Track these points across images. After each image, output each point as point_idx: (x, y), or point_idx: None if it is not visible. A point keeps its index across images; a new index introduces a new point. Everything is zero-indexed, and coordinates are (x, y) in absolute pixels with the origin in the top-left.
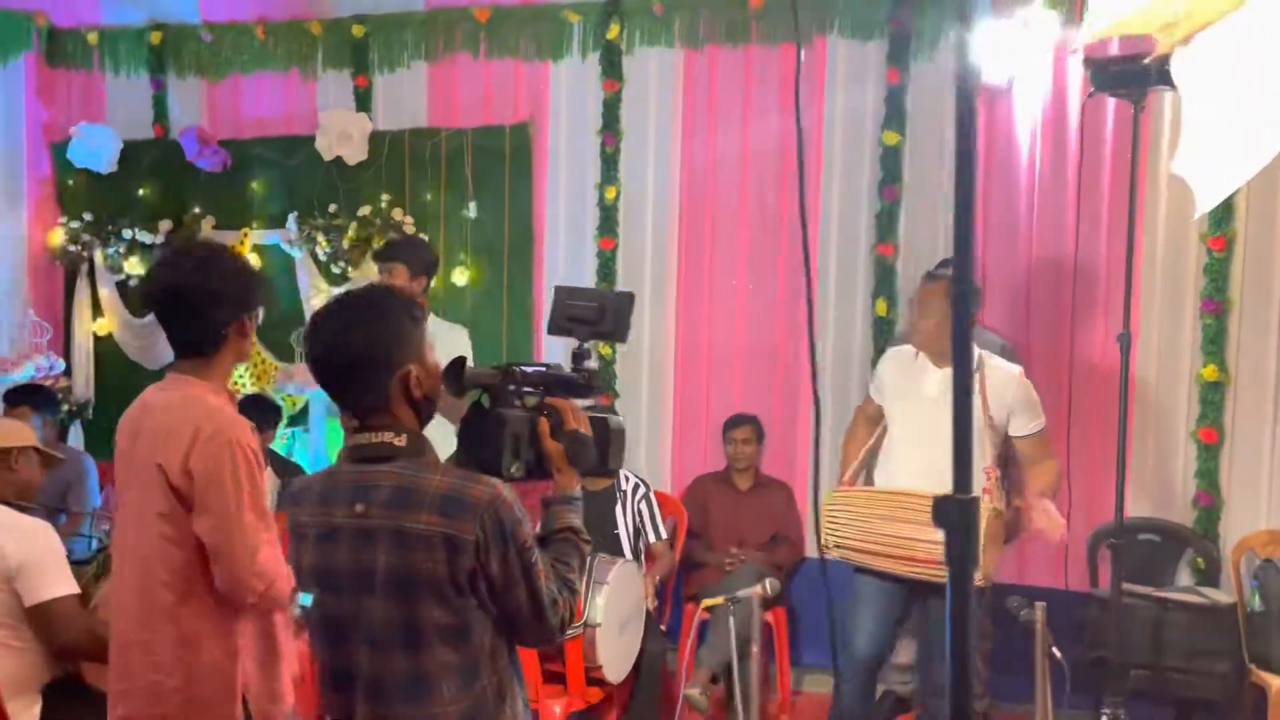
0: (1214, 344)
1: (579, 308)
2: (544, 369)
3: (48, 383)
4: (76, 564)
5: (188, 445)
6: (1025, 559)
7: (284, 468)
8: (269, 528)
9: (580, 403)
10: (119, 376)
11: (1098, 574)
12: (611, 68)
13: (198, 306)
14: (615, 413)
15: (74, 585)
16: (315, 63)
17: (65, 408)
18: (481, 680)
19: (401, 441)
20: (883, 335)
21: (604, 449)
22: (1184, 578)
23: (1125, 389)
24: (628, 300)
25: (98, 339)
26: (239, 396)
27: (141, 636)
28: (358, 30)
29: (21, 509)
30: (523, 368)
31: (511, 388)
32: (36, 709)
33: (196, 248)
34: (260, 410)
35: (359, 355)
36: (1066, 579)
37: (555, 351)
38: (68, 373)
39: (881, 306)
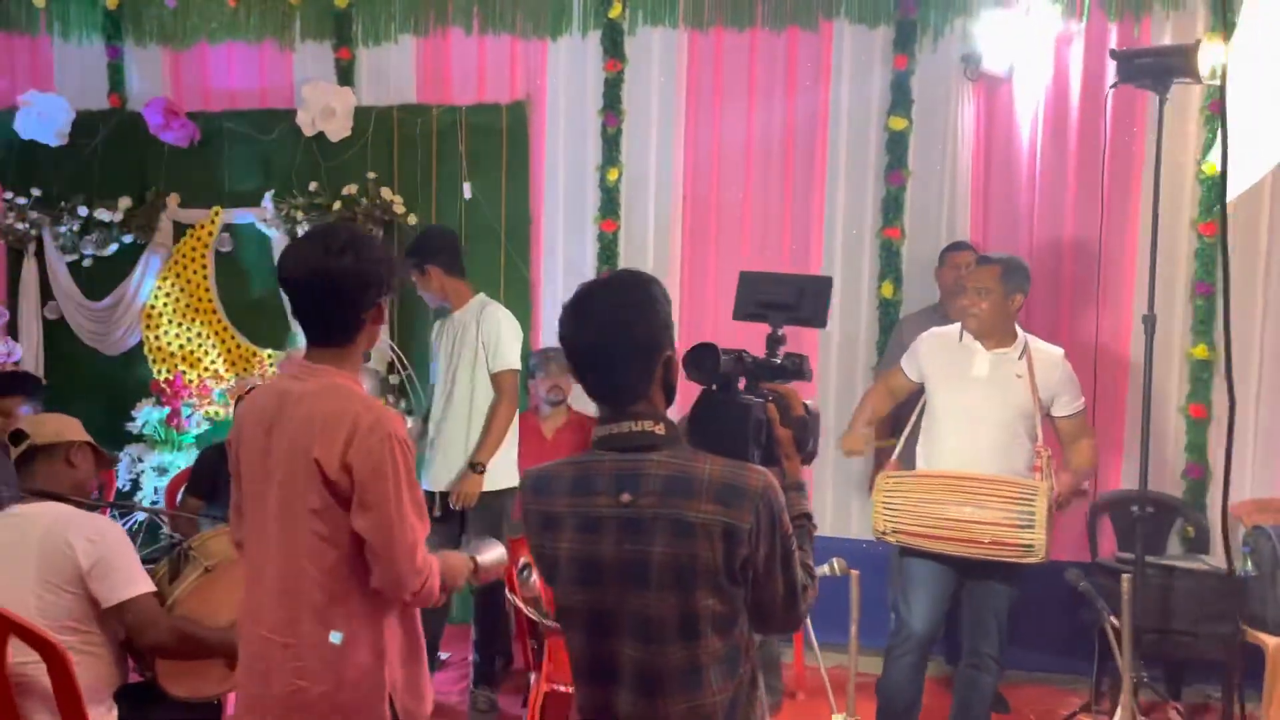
0: (1204, 325)
1: (773, 293)
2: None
3: (10, 367)
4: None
5: (346, 438)
6: None
7: None
8: (425, 522)
9: None
10: (70, 362)
11: (1097, 545)
12: (614, 47)
13: (345, 292)
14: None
15: (150, 583)
16: (293, 33)
17: None
18: (741, 669)
19: (662, 430)
20: (889, 317)
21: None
22: (1174, 546)
23: (1149, 368)
24: (826, 285)
25: (47, 322)
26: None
27: (284, 640)
28: (340, 1)
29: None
30: (747, 354)
31: (740, 376)
32: (114, 716)
33: (341, 230)
34: None
35: (631, 341)
36: (1094, 550)
37: (552, 339)
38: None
39: (888, 289)
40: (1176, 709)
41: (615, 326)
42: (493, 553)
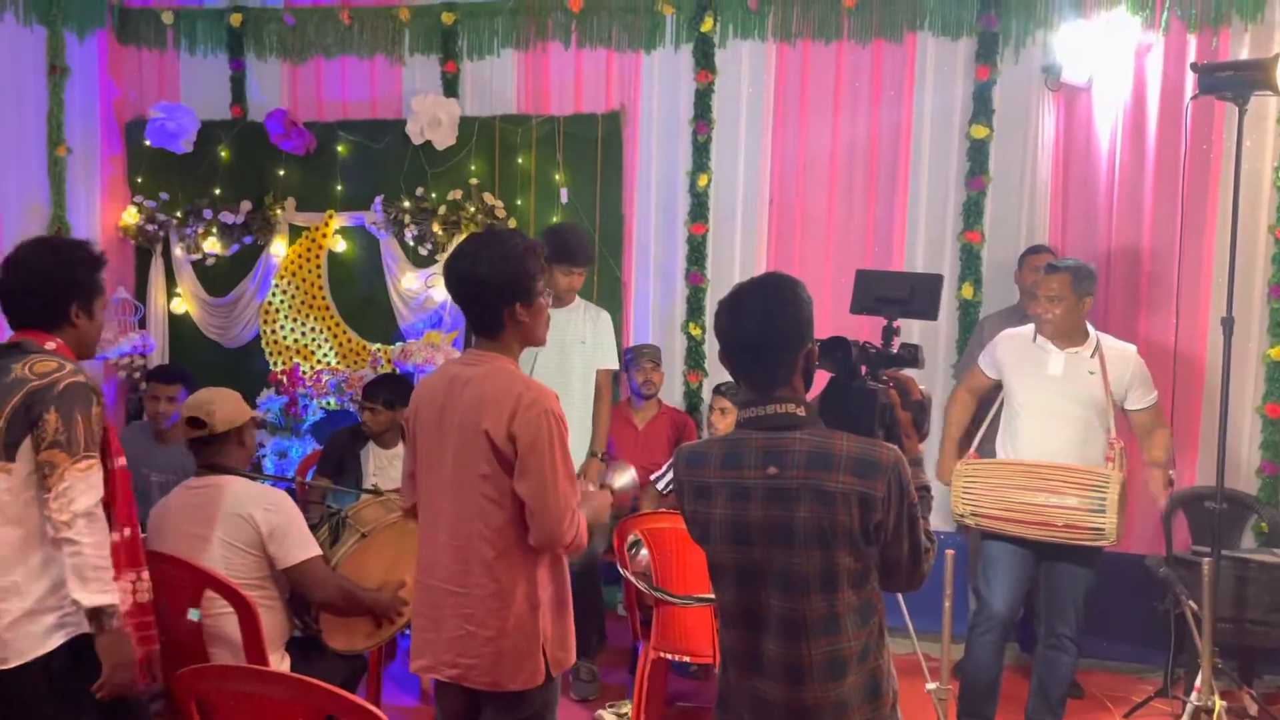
0: None
1: (887, 289)
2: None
3: (139, 361)
4: None
5: (510, 413)
6: None
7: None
8: (575, 487)
9: None
10: (191, 354)
11: (1171, 539)
12: (705, 59)
13: (478, 293)
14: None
15: (317, 548)
16: (402, 48)
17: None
18: (871, 618)
19: (802, 411)
20: (969, 317)
21: None
22: (1248, 541)
23: (1227, 368)
24: (937, 282)
25: (172, 316)
26: (374, 375)
27: (456, 590)
28: (447, 18)
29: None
30: (870, 345)
31: (863, 365)
32: (287, 663)
33: (479, 236)
34: (398, 387)
35: (780, 334)
36: (1169, 544)
37: (643, 336)
38: None
39: (968, 290)
40: (1250, 694)
41: (767, 322)
42: (625, 476)
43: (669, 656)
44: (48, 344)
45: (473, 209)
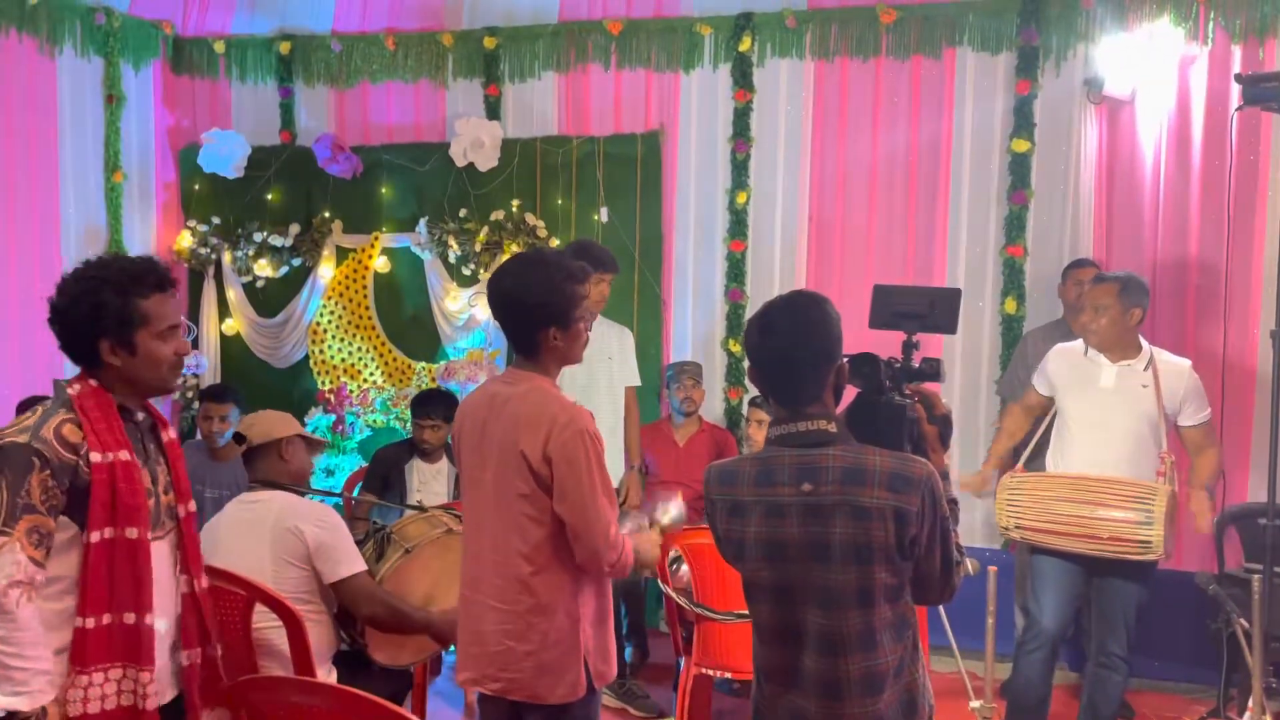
0: None
1: (906, 304)
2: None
3: (192, 381)
4: None
5: (546, 434)
6: None
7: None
8: (614, 505)
9: None
10: (242, 373)
11: (1224, 557)
12: (743, 78)
13: (513, 314)
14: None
15: (363, 563)
16: (445, 72)
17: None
18: (906, 633)
19: (834, 428)
20: (1011, 332)
21: None
22: None
23: (1277, 381)
24: (955, 296)
25: (224, 337)
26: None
27: (497, 605)
28: (489, 42)
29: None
30: (895, 360)
31: (887, 380)
32: (333, 677)
33: (522, 258)
34: (451, 401)
35: (810, 351)
36: (1221, 562)
37: (682, 353)
38: None
39: (1010, 305)
40: None
41: (797, 339)
42: (672, 510)
43: (711, 673)
44: (72, 387)
45: (514, 229)
